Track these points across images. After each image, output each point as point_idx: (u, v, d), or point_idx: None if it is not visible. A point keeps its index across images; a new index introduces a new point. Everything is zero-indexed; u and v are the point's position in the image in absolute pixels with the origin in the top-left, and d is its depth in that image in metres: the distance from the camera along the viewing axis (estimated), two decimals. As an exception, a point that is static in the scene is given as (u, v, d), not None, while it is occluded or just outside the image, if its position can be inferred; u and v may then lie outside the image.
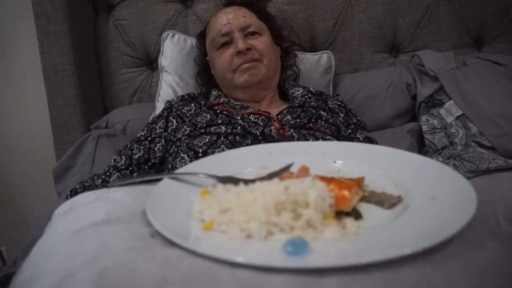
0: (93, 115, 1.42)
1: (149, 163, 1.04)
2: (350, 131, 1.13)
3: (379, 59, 1.51)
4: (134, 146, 1.06)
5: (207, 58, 1.23)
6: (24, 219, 1.76)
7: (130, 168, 1.03)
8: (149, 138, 1.07)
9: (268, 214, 0.47)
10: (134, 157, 1.04)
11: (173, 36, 1.36)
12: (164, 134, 1.07)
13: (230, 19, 1.13)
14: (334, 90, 1.41)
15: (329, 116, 1.10)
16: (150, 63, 1.47)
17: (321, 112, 1.10)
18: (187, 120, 1.07)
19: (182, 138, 1.02)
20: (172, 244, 0.46)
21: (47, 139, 1.45)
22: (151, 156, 1.04)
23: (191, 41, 1.35)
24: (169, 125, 1.08)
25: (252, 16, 1.16)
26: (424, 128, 1.31)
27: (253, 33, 1.14)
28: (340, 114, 1.16)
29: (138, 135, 1.10)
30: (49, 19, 1.30)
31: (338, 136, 1.07)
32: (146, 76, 1.47)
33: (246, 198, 0.49)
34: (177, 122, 1.08)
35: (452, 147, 1.25)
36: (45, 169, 1.55)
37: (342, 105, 1.20)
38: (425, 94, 1.33)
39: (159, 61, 1.37)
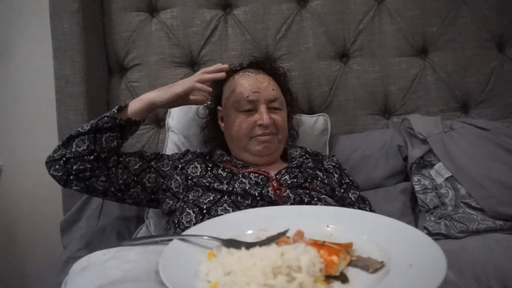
0: (102, 170, 1.49)
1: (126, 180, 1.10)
2: (342, 190, 1.19)
3: (372, 121, 1.61)
4: (134, 157, 1.14)
5: (219, 108, 1.27)
6: (25, 272, 1.77)
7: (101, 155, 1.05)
8: (151, 165, 1.14)
9: (266, 277, 0.53)
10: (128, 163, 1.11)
11: (180, 98, 1.46)
12: (176, 161, 1.16)
13: (261, 89, 1.16)
14: (330, 150, 1.49)
15: (325, 176, 1.18)
16: (158, 121, 1.57)
17: (318, 172, 1.18)
18: (189, 180, 1.12)
19: (190, 183, 1.10)
20: (183, 303, 0.52)
21: (55, 194, 1.49)
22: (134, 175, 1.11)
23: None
24: (185, 157, 1.18)
25: (278, 91, 1.22)
26: (417, 188, 1.38)
27: (275, 108, 1.18)
28: (335, 175, 1.23)
29: (146, 154, 1.18)
30: (67, 82, 1.42)
31: (333, 195, 1.14)
32: (153, 133, 1.56)
33: (247, 262, 0.56)
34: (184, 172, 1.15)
35: (443, 207, 1.31)
36: (49, 222, 1.60)
37: (337, 166, 1.27)
38: (416, 156, 1.41)
39: (166, 121, 1.46)
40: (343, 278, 0.58)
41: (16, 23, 1.67)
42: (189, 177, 1.12)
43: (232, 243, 0.65)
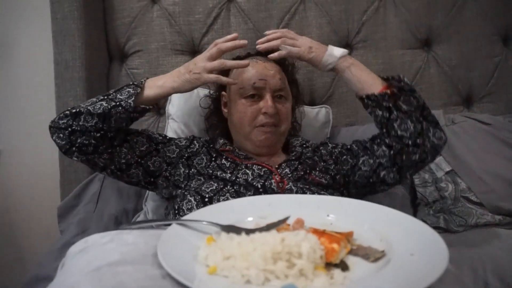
0: (100, 157, 1.48)
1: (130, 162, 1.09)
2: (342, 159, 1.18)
3: (373, 114, 1.60)
4: (141, 138, 1.11)
5: (223, 93, 1.25)
6: (23, 257, 1.77)
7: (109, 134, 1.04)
8: (158, 148, 1.12)
9: (266, 263, 0.53)
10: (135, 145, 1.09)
11: (181, 85, 1.44)
12: (183, 149, 1.14)
13: (268, 77, 1.14)
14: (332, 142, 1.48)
15: (322, 164, 1.16)
16: (158, 109, 1.55)
17: (316, 160, 1.17)
18: (196, 172, 1.11)
19: (190, 179, 1.08)
20: (180, 285, 0.51)
21: (54, 178, 1.49)
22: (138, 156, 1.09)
23: (197, 91, 1.43)
24: (191, 146, 1.16)
25: (285, 80, 1.19)
26: (416, 181, 1.38)
27: (280, 96, 1.16)
28: (328, 143, 1.24)
29: (154, 135, 1.15)
30: (67, 67, 1.40)
31: (334, 183, 1.13)
32: (153, 121, 1.55)
33: (247, 247, 0.55)
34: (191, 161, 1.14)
35: (442, 201, 1.31)
36: (47, 208, 1.59)
37: (327, 142, 1.28)
38: (416, 149, 1.40)
39: (166, 109, 1.45)
40: (343, 266, 0.57)
41: (17, 8, 1.66)
42: (193, 168, 1.11)
43: (231, 229, 0.65)
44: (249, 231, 0.62)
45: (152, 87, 1.06)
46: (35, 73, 1.67)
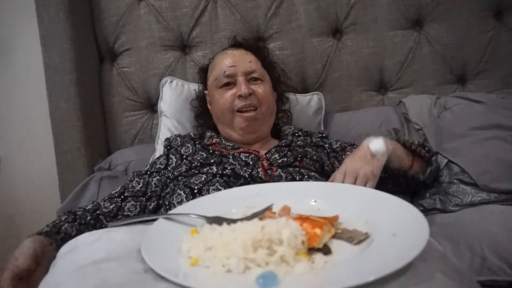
0: (97, 157, 1.49)
1: (146, 196, 1.09)
2: (335, 154, 1.20)
3: (367, 97, 1.59)
4: (135, 179, 1.12)
5: (206, 92, 1.29)
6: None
7: (122, 197, 1.07)
8: (149, 173, 1.14)
9: (246, 251, 0.53)
10: (133, 189, 1.10)
11: (171, 82, 1.44)
12: (163, 171, 1.13)
13: (237, 62, 1.18)
14: (325, 128, 1.48)
15: (314, 153, 1.16)
16: (151, 106, 1.56)
17: (307, 149, 1.17)
18: (184, 159, 1.13)
19: (179, 177, 1.08)
20: (163, 278, 0.52)
21: (53, 182, 1.50)
22: (148, 189, 1.10)
23: (188, 86, 1.44)
24: (169, 162, 1.14)
25: (257, 63, 1.22)
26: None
27: (255, 79, 1.19)
28: (325, 145, 1.22)
29: (141, 170, 1.16)
30: (57, 70, 1.41)
31: (323, 171, 1.13)
32: (147, 119, 1.56)
33: (228, 237, 0.56)
34: (176, 159, 1.14)
35: (437, 184, 1.30)
36: (50, 211, 1.61)
37: (325, 136, 1.27)
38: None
39: (158, 106, 1.45)
40: (325, 250, 0.57)
41: (6, 18, 1.66)
42: (184, 156, 1.13)
43: (215, 220, 0.65)
44: (231, 221, 0.63)
45: None
46: (29, 78, 1.68)
